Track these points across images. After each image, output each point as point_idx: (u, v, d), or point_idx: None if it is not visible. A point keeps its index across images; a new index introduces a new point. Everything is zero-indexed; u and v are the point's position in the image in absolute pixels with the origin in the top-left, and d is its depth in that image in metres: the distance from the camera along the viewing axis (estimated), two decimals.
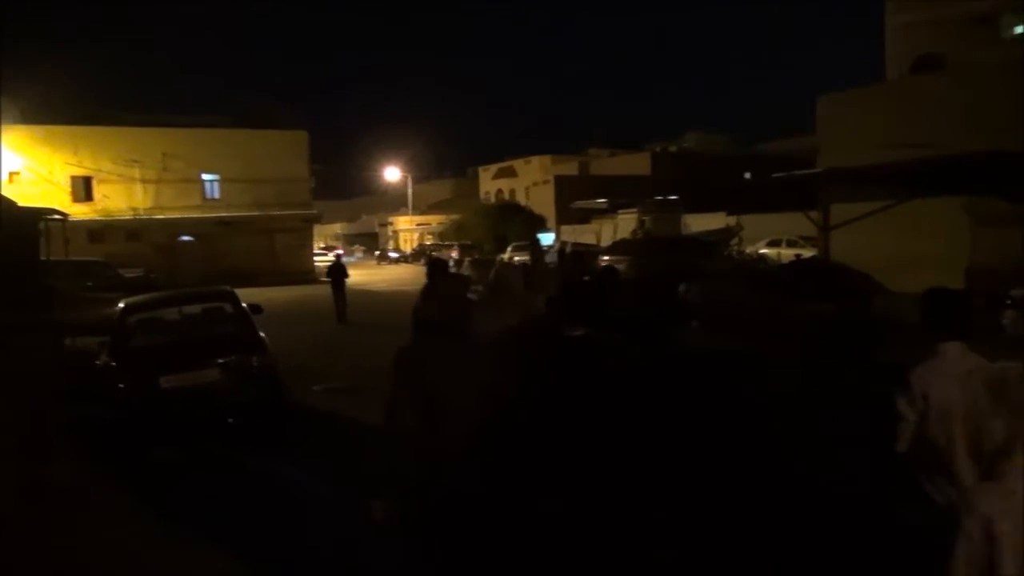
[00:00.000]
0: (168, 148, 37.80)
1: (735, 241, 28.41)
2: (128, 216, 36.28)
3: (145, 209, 37.16)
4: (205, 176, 39.31)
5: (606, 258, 21.79)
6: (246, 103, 45.25)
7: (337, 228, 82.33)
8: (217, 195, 39.68)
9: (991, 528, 1.69)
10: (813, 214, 16.57)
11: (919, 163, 11.30)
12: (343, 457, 6.94)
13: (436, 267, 6.12)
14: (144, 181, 37.51)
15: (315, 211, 42.67)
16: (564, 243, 33.61)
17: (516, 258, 33.38)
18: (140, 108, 39.47)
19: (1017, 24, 26.78)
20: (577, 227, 39.48)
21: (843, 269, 16.29)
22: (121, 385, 7.37)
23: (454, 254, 40.46)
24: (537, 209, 50.95)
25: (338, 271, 18.10)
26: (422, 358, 3.17)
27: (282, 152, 40.51)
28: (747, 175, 47.71)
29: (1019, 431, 1.66)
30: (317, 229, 50.64)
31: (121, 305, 8.66)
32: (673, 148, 68.54)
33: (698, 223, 32.36)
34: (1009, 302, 10.60)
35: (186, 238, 37.48)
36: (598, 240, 34.22)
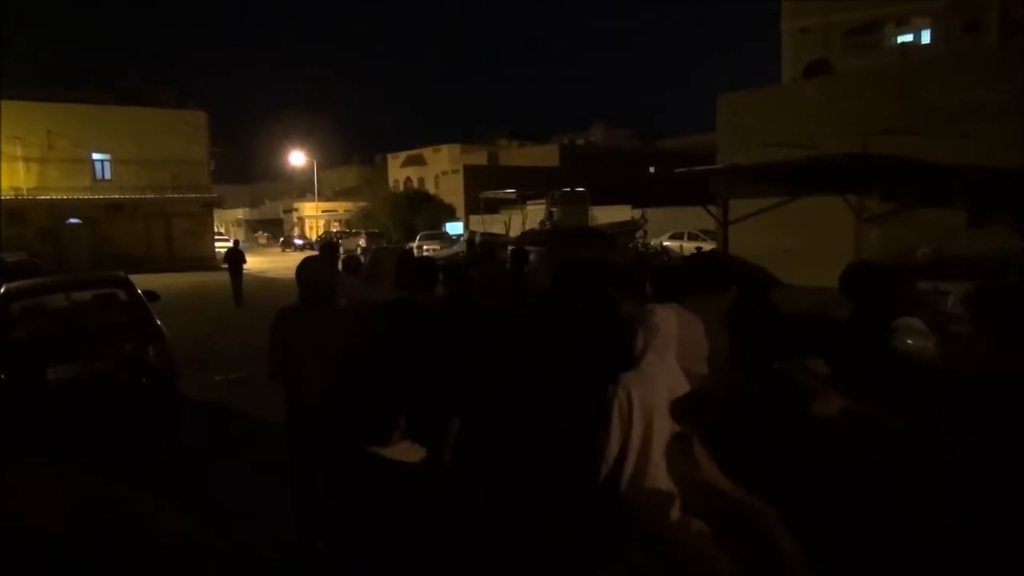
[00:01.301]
0: (53, 125, 35.47)
1: (639, 233, 29.18)
2: (9, 196, 33.80)
3: (28, 189, 34.83)
4: (95, 156, 37.14)
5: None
6: (138, 81, 42.89)
7: (239, 213, 79.43)
8: (108, 176, 37.54)
9: (630, 393, 2.88)
10: (713, 208, 17.23)
11: (805, 162, 11.95)
12: (238, 437, 6.84)
13: (326, 248, 7.77)
14: (27, 159, 35.13)
15: (215, 195, 41.06)
16: (474, 233, 33.69)
17: (425, 247, 33.26)
18: (21, 81, 36.79)
19: (899, 33, 28.58)
20: (486, 217, 39.62)
21: (741, 261, 17.01)
22: (2, 376, 6.96)
23: (361, 242, 39.88)
24: (446, 198, 50.83)
25: (235, 256, 19.37)
26: (287, 318, 4.19)
27: (179, 133, 38.76)
28: (651, 169, 49.03)
29: (648, 341, 2.99)
30: (218, 214, 48.78)
31: (1, 291, 8.16)
32: (580, 141, 69.65)
33: (604, 215, 33.07)
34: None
35: (74, 221, 35.41)
36: (507, 230, 34.46)
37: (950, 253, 12.84)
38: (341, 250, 16.85)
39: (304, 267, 4.30)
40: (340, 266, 7.43)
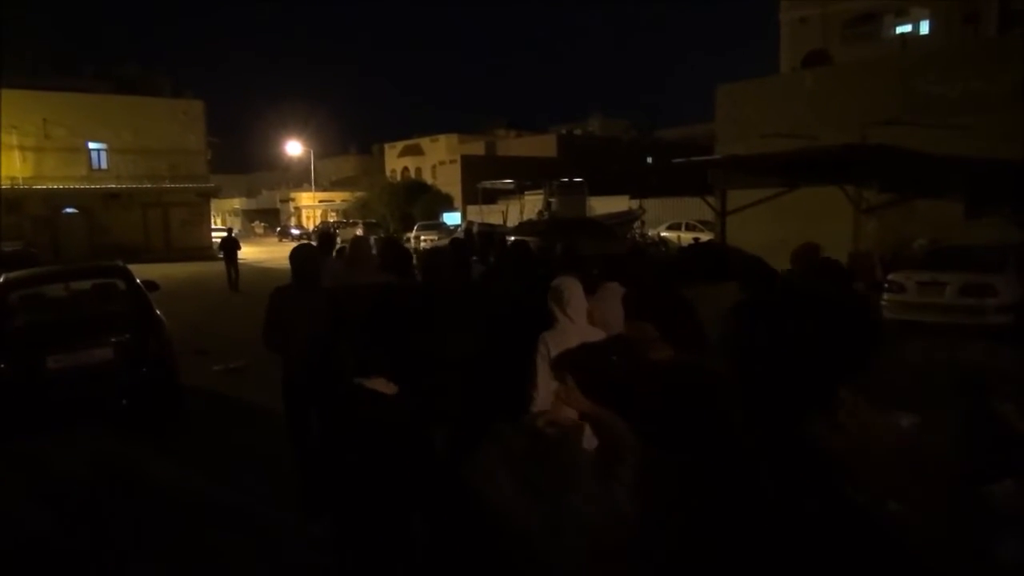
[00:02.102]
0: (50, 114, 35.30)
1: (637, 224, 29.19)
2: (5, 186, 33.56)
3: (25, 179, 34.68)
4: (92, 145, 36.99)
5: (512, 239, 22.02)
6: (135, 70, 42.67)
7: (236, 203, 79.18)
8: (105, 165, 37.41)
9: (548, 346, 3.57)
10: (711, 199, 17.21)
11: (803, 153, 11.97)
12: (238, 426, 6.88)
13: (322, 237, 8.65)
14: (23, 148, 34.97)
15: (212, 185, 40.97)
16: (471, 223, 33.67)
17: (423, 237, 33.23)
18: (17, 70, 36.58)
19: (898, 24, 28.53)
20: (484, 207, 39.60)
21: (738, 252, 17.00)
22: (2, 365, 6.95)
23: (359, 232, 39.80)
24: (444, 188, 50.72)
25: (230, 244, 20.97)
26: (281, 295, 5.04)
27: (176, 122, 38.63)
28: (649, 160, 48.99)
29: (559, 307, 3.75)
30: (215, 204, 48.68)
31: (0, 280, 8.15)
32: (578, 131, 69.55)
33: (602, 206, 33.07)
34: (887, 286, 11.41)
35: (70, 210, 35.31)
36: (505, 220, 34.44)
37: (948, 244, 12.88)
38: (339, 240, 17.10)
39: (296, 253, 5.20)
40: (335, 254, 8.27)
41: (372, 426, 2.94)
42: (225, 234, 23.61)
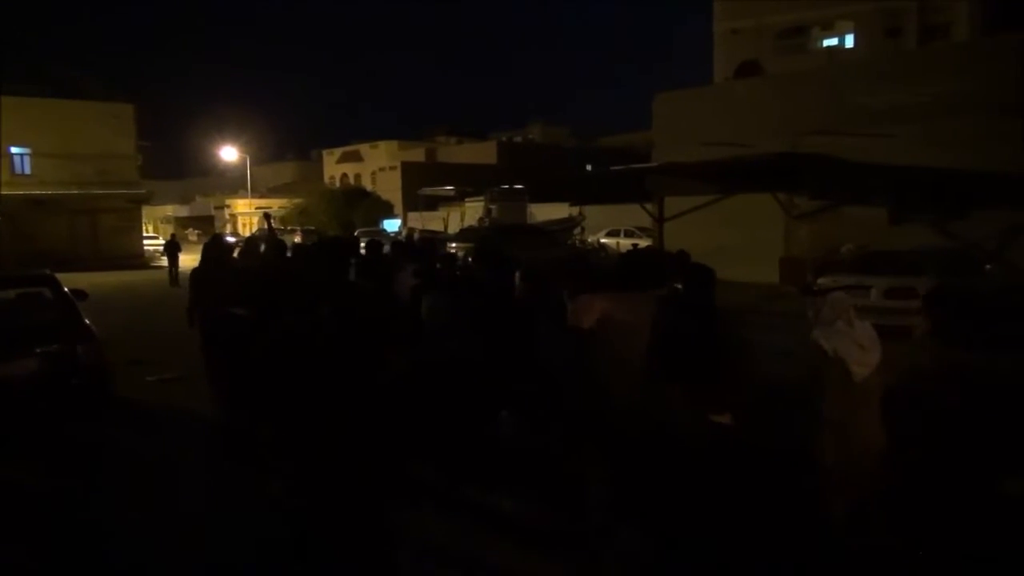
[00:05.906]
0: None
1: (578, 230, 29.50)
2: None
3: None
4: (14, 149, 35.46)
5: (453, 245, 22.03)
6: (62, 71, 41.12)
7: (169, 210, 76.80)
8: (28, 170, 35.89)
9: None
10: (649, 206, 17.47)
11: (738, 161, 12.28)
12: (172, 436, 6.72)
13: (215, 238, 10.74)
14: None
15: (143, 191, 39.70)
16: (412, 229, 33.51)
17: (363, 243, 32.93)
18: None
19: (824, 37, 29.57)
20: (425, 214, 39.41)
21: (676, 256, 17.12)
22: None
23: (297, 239, 39.14)
24: (384, 195, 50.39)
25: (173, 247, 25.47)
26: (198, 272, 7.64)
27: (104, 126, 37.27)
28: (588, 167, 49.56)
29: None
30: (146, 211, 47.17)
31: None
32: (518, 138, 69.97)
33: (543, 212, 33.31)
34: (816, 290, 11.80)
35: None
36: (446, 227, 34.39)
37: (874, 249, 13.40)
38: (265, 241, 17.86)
39: (204, 246, 8.06)
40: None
41: (239, 331, 4.84)
42: (169, 239, 28.29)
